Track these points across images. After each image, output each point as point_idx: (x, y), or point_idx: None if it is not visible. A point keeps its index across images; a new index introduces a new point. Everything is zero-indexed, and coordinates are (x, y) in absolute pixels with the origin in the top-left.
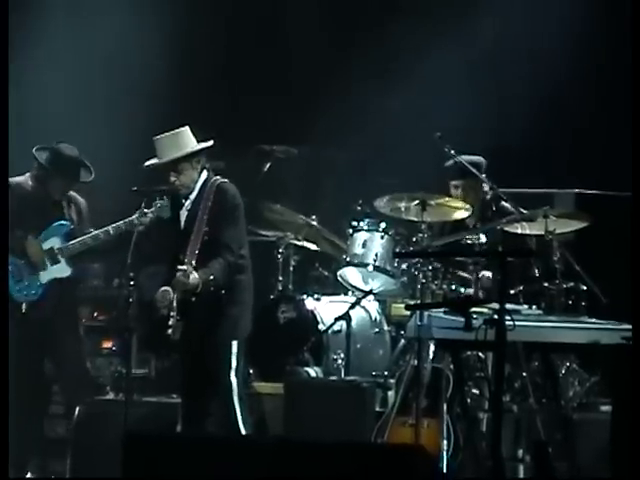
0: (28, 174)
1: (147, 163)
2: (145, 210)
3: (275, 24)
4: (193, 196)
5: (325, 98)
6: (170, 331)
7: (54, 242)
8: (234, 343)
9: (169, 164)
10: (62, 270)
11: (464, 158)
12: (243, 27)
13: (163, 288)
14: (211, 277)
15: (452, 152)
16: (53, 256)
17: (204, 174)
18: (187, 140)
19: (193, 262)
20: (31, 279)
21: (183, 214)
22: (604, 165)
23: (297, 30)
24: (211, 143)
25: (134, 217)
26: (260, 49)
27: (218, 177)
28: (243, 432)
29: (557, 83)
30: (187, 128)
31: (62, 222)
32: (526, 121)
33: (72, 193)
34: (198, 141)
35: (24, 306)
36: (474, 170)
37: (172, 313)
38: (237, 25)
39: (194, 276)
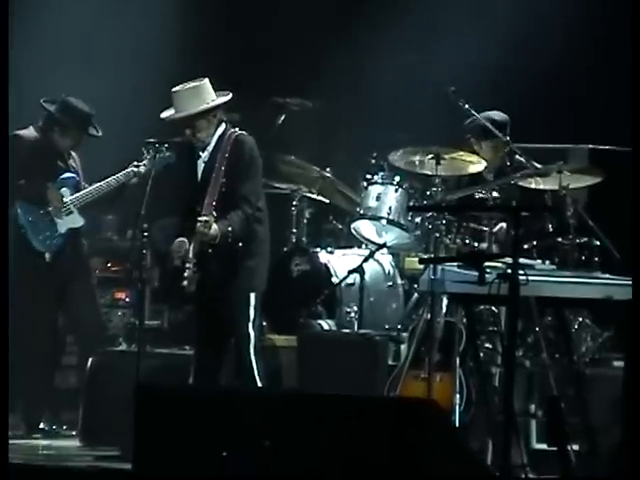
0: (31, 127)
1: (163, 115)
2: (138, 163)
3: None
4: (211, 147)
5: (339, 51)
6: (185, 282)
7: (65, 193)
8: (252, 295)
9: (186, 118)
10: (76, 220)
11: (488, 115)
12: None
13: (180, 239)
14: (229, 229)
15: (467, 107)
16: (66, 207)
17: (222, 126)
18: (205, 94)
19: (213, 213)
20: (51, 229)
21: (200, 165)
22: (616, 120)
23: None
24: (229, 97)
25: (129, 169)
26: (275, 1)
27: (236, 129)
28: (259, 384)
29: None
30: (206, 81)
31: (69, 174)
32: (538, 75)
33: None
34: (216, 92)
35: (48, 256)
36: (497, 132)
37: (188, 265)
38: None
39: (214, 227)
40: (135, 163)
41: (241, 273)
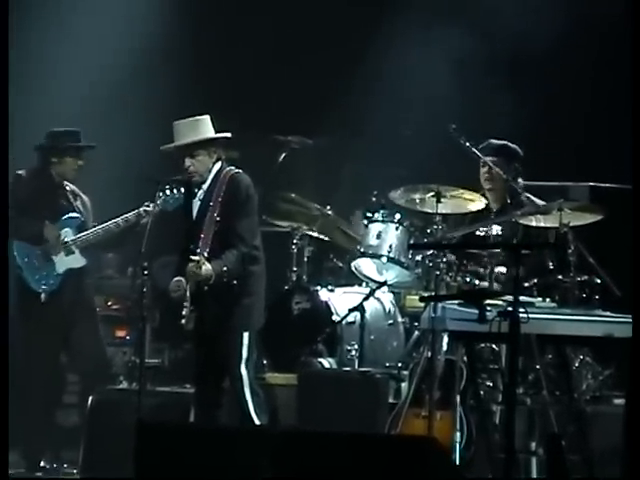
0: (34, 168)
1: (164, 147)
2: (150, 203)
3: (291, 12)
4: (206, 186)
5: (340, 89)
6: (183, 321)
7: (67, 233)
8: (245, 334)
9: (185, 148)
10: (77, 260)
11: (497, 142)
12: (258, 15)
13: (176, 278)
14: (224, 268)
15: (467, 144)
16: (68, 247)
17: (218, 164)
18: (206, 127)
19: (205, 253)
20: (48, 269)
21: (196, 204)
22: (617, 158)
23: (313, 18)
24: (229, 135)
25: (141, 209)
26: (276, 38)
27: (232, 167)
28: (256, 422)
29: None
30: (207, 117)
31: (73, 214)
32: (540, 114)
33: (76, 188)
34: (216, 132)
35: (43, 296)
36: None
37: (185, 303)
38: (252, 13)
39: (207, 267)
40: (147, 203)
41: (236, 312)
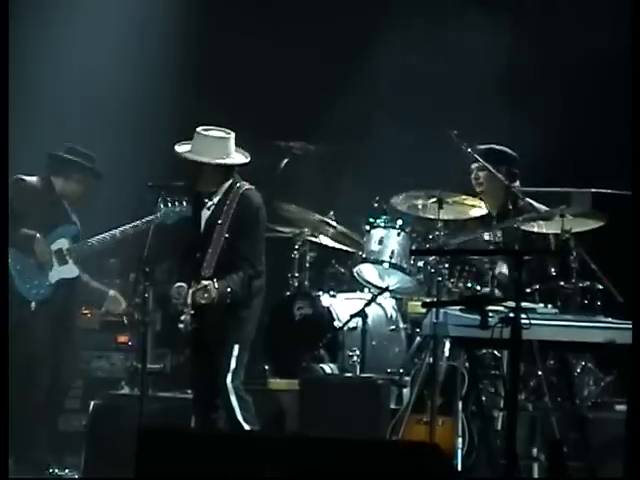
0: (37, 176)
1: (179, 149)
2: (151, 216)
3: (294, 18)
4: (217, 198)
5: (342, 95)
6: (182, 326)
7: (62, 243)
8: (236, 346)
9: (202, 165)
10: (70, 271)
11: (494, 146)
12: (261, 20)
13: (178, 284)
14: (228, 290)
15: (469, 150)
16: (61, 257)
17: (231, 178)
18: (229, 148)
19: (211, 269)
20: (40, 278)
21: (205, 213)
22: (620, 165)
23: (317, 24)
24: (248, 160)
25: (139, 222)
26: (279, 43)
27: (245, 183)
28: (246, 428)
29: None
30: (232, 136)
31: (70, 225)
32: (543, 119)
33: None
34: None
35: (33, 305)
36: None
37: (185, 309)
38: (254, 19)
39: (213, 294)
40: (148, 218)
41: (231, 322)
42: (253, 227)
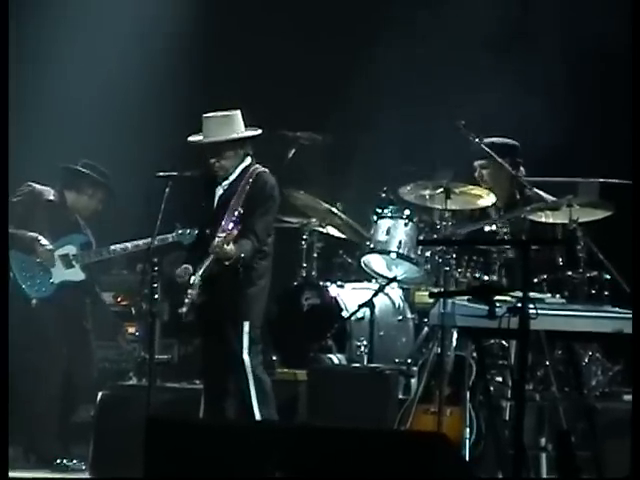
0: (49, 186)
1: (191, 139)
2: (166, 235)
3: (300, 10)
4: (232, 178)
5: (350, 85)
6: (184, 309)
7: (70, 249)
8: (246, 323)
9: (214, 145)
10: (76, 274)
11: (495, 140)
12: (268, 13)
13: (184, 265)
14: (242, 255)
15: (477, 140)
16: (68, 261)
17: (247, 160)
18: (236, 124)
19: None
20: (43, 277)
21: (218, 191)
22: (627, 155)
23: (323, 15)
24: (259, 132)
25: (153, 239)
26: (285, 35)
27: (259, 165)
28: (257, 415)
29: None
30: (238, 112)
31: (79, 234)
32: (551, 109)
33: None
34: (246, 127)
35: (34, 302)
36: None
37: (189, 291)
38: (262, 12)
39: (231, 246)
40: (162, 237)
41: (238, 300)
42: (265, 204)
